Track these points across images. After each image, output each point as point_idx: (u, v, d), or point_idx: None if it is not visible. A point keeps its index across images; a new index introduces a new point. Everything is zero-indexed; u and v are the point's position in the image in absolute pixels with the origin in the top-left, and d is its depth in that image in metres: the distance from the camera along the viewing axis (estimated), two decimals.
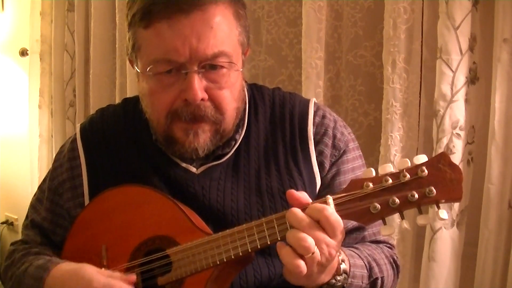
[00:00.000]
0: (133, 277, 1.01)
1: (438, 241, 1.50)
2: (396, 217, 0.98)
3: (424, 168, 0.90)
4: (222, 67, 1.03)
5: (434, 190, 0.89)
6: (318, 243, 0.89)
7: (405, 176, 0.90)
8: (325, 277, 0.95)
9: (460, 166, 1.45)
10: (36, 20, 2.87)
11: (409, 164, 0.91)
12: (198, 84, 1.01)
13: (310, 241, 0.88)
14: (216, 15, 1.01)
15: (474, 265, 1.51)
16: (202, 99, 1.03)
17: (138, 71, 1.08)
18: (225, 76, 1.04)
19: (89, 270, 1.00)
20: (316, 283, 0.95)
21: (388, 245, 1.18)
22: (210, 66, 1.03)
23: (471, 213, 1.54)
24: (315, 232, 0.89)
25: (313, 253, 0.88)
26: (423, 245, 1.56)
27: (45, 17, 2.84)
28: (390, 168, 0.92)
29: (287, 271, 0.92)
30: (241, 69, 1.09)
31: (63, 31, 2.75)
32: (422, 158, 0.91)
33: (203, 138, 1.06)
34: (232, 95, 1.07)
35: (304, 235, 0.88)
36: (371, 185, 0.92)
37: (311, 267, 0.89)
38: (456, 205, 1.49)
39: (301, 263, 0.88)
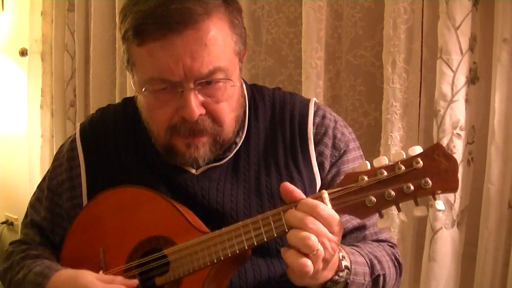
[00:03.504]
0: (135, 281, 1.01)
1: (438, 241, 1.50)
2: (395, 214, 0.97)
3: (419, 159, 0.90)
4: (218, 81, 1.02)
5: (430, 181, 0.89)
6: (320, 238, 0.89)
7: (400, 168, 0.90)
8: (328, 274, 0.95)
9: (460, 166, 1.46)
10: (35, 20, 2.88)
11: (404, 156, 0.91)
12: (195, 102, 1.01)
13: (313, 238, 0.88)
14: (210, 30, 0.99)
15: (474, 265, 1.51)
16: (200, 114, 1.02)
17: (135, 84, 1.07)
18: (221, 89, 1.03)
19: (88, 276, 0.99)
20: (320, 281, 0.95)
21: (390, 244, 1.17)
22: (206, 82, 1.01)
23: (471, 213, 1.54)
24: (315, 227, 0.89)
25: (317, 250, 0.88)
26: (423, 245, 1.56)
27: (46, 17, 2.84)
28: (385, 160, 0.92)
29: (292, 272, 0.92)
30: (238, 84, 1.07)
31: (63, 31, 2.76)
32: (417, 150, 0.91)
33: (203, 150, 1.06)
34: (229, 107, 1.06)
35: (306, 233, 0.88)
36: (366, 178, 0.91)
37: (316, 264, 0.90)
38: (456, 205, 1.49)
39: (308, 261, 0.89)
